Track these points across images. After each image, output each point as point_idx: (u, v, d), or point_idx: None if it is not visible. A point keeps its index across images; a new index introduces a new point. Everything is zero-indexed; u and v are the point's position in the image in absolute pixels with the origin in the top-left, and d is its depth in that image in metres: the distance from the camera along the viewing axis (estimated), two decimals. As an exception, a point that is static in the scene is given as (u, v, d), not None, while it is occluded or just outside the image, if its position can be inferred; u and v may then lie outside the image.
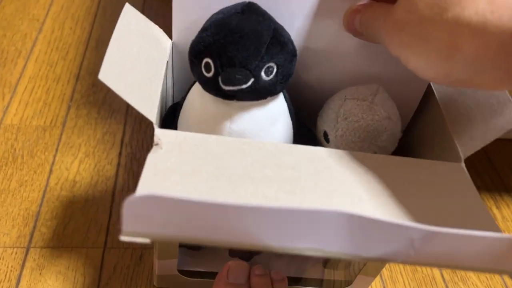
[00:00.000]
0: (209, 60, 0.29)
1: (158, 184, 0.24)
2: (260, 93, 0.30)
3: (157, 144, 0.27)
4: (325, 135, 0.34)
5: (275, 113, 0.32)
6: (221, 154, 0.27)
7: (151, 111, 0.28)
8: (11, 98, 0.55)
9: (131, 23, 0.31)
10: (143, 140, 0.53)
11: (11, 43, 0.62)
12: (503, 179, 0.56)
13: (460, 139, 0.37)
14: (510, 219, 0.52)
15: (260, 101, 0.31)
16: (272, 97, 0.31)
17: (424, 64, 0.25)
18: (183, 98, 0.34)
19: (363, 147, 0.33)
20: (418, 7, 0.24)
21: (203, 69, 0.29)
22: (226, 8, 0.30)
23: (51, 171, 0.48)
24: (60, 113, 0.54)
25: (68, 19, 0.68)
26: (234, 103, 0.30)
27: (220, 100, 0.30)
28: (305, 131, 0.36)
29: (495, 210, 0.52)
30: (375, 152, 0.33)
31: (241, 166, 0.27)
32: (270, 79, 0.29)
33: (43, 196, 0.46)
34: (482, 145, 0.36)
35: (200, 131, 0.29)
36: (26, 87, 0.56)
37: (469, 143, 0.37)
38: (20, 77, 0.57)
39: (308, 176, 0.27)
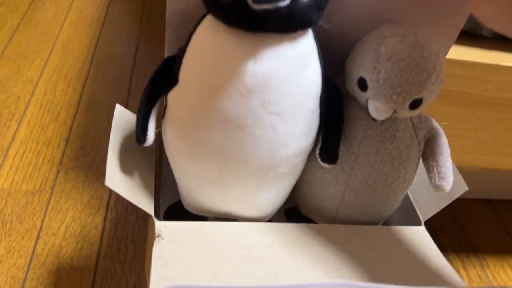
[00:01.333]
0: None
1: (168, 275, 0.27)
2: (295, 20, 0.25)
3: (158, 236, 0.30)
4: (361, 82, 0.31)
5: (307, 53, 0.28)
6: (219, 238, 0.31)
7: (148, 205, 0.31)
8: (2, 162, 0.57)
9: (123, 124, 0.35)
10: (128, 204, 0.55)
11: (4, 105, 0.65)
12: (469, 240, 0.59)
13: (418, 204, 0.40)
14: (476, 281, 0.54)
15: (289, 36, 0.26)
16: (303, 31, 0.27)
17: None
18: (182, 48, 0.29)
19: (411, 90, 0.29)
20: None
21: None
22: None
23: (38, 236, 0.50)
24: (49, 177, 0.57)
25: (61, 80, 0.72)
26: (259, 37, 0.26)
27: (240, 33, 0.25)
28: (330, 87, 0.32)
29: (462, 271, 0.55)
30: (421, 98, 0.30)
31: (238, 248, 0.30)
32: (308, 1, 0.25)
33: (30, 263, 0.48)
34: (437, 210, 0.39)
35: (215, 77, 0.26)
36: (17, 150, 0.59)
37: (427, 208, 0.40)
38: (12, 141, 0.60)
39: (299, 254, 0.31)
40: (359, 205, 0.36)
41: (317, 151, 0.33)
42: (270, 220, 0.38)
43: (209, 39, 0.27)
